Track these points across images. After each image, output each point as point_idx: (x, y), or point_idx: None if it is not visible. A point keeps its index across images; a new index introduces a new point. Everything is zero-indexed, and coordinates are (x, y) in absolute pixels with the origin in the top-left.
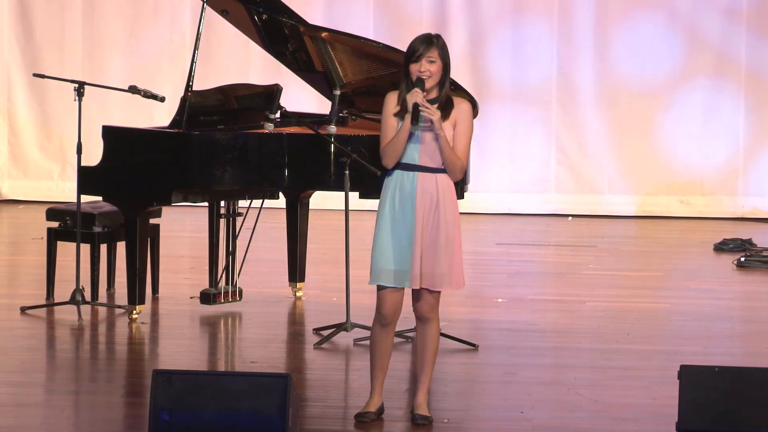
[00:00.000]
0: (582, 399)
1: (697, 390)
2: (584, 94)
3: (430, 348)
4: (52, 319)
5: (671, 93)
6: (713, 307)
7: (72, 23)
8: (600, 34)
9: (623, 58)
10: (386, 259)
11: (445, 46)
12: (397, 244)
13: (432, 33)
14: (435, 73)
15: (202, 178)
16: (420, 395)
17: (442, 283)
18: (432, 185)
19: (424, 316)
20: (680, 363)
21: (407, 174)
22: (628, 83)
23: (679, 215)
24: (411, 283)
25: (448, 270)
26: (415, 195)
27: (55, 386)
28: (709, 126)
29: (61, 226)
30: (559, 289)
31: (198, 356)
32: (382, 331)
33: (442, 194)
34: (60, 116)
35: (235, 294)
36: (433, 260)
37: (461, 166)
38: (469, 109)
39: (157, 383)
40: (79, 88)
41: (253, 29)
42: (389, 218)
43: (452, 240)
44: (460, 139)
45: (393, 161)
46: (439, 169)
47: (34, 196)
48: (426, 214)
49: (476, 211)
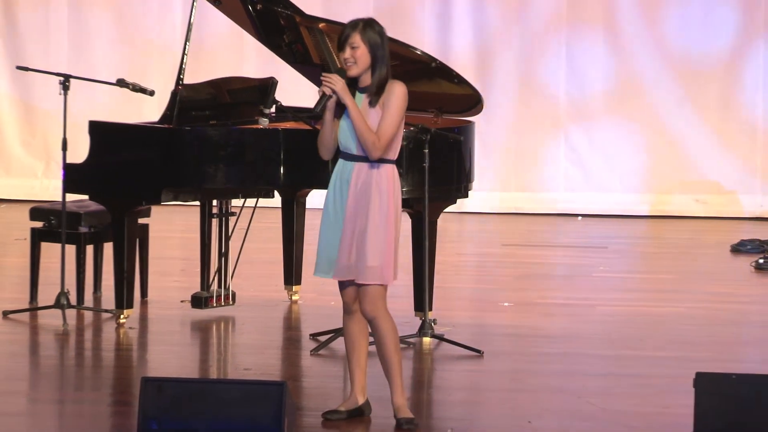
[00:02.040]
0: (592, 408)
1: (713, 398)
2: (595, 88)
3: (385, 347)
4: (35, 324)
5: (685, 86)
6: (730, 311)
7: (57, 13)
8: (611, 26)
9: (635, 50)
10: (323, 248)
11: (372, 29)
12: (329, 233)
13: (363, 18)
14: (359, 58)
15: (193, 175)
16: (396, 397)
17: (370, 276)
18: (367, 175)
19: (366, 315)
20: (695, 370)
21: (347, 164)
22: (639, 76)
23: (694, 215)
24: (334, 273)
25: (379, 264)
26: (349, 184)
27: (38, 395)
28: (725, 121)
29: (45, 226)
30: (567, 292)
31: (189, 363)
32: (347, 318)
33: (377, 185)
34: (44, 111)
35: (228, 298)
36: (359, 252)
37: (372, 142)
38: (399, 89)
39: (146, 391)
40: (64, 81)
41: (247, 20)
42: (331, 208)
43: (384, 232)
44: (383, 118)
45: (325, 153)
46: (378, 158)
47: (17, 195)
48: (357, 204)
49: (481, 211)
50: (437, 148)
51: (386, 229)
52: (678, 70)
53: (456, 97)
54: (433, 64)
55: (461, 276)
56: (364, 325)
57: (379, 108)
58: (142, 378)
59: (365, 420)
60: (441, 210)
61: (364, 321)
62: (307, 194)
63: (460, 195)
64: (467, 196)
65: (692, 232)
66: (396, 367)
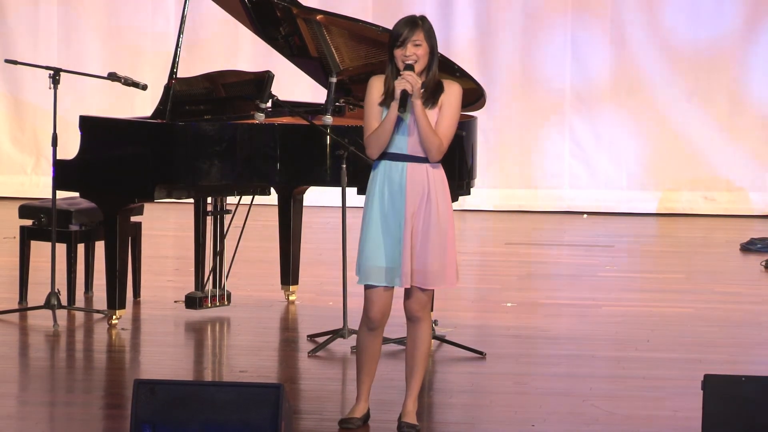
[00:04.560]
0: (598, 411)
1: (722, 401)
2: (601, 82)
3: (421, 350)
4: (25, 324)
5: (694, 81)
6: (740, 311)
7: (47, 5)
8: (617, 19)
9: (642, 44)
10: (376, 256)
11: (431, 28)
12: (387, 240)
13: (417, 15)
14: (421, 56)
15: (187, 172)
16: (409, 402)
17: (434, 281)
18: (423, 176)
19: (414, 315)
20: (704, 372)
21: (395, 164)
22: (647, 70)
23: (703, 213)
24: (402, 281)
25: (441, 267)
26: (405, 186)
27: (28, 397)
28: (735, 117)
29: (35, 225)
30: (573, 292)
31: (183, 365)
32: (369, 334)
33: (434, 185)
34: (34, 105)
35: (223, 298)
36: (425, 257)
37: (438, 145)
38: (458, 90)
39: (138, 394)
40: (54, 75)
41: (242, 11)
42: (378, 212)
43: (445, 235)
44: (444, 119)
45: (378, 151)
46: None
47: (6, 192)
48: (417, 207)
49: (484, 208)
50: None
51: (451, 232)
52: (686, 63)
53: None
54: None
55: (463, 275)
56: (381, 342)
57: (437, 109)
58: (134, 380)
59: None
60: None
61: (381, 337)
62: (304, 191)
63: (462, 192)
64: (469, 193)
65: (701, 231)
66: (420, 374)
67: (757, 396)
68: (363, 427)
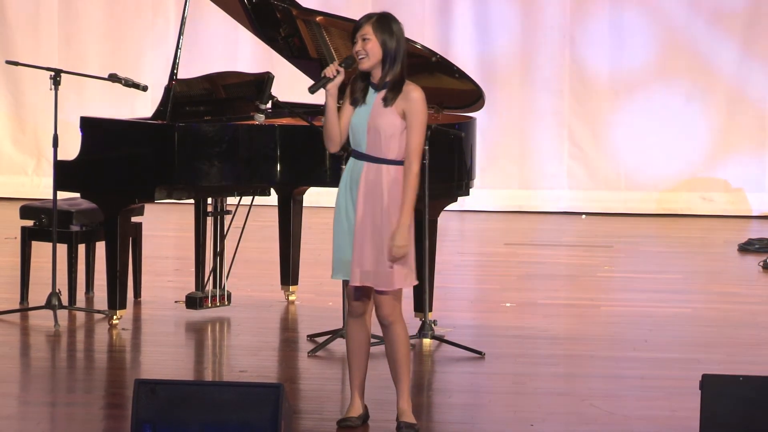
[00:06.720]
0: (596, 411)
1: (720, 401)
2: (599, 82)
3: (401, 352)
4: (26, 324)
5: (691, 80)
6: (737, 312)
7: (48, 6)
8: (615, 19)
9: (640, 44)
10: (342, 250)
11: (385, 24)
12: (348, 236)
13: (379, 12)
14: (371, 51)
15: (187, 173)
16: (402, 402)
17: (385, 281)
18: (377, 176)
19: (384, 321)
20: (702, 372)
21: (357, 163)
22: (645, 70)
23: (701, 213)
24: (351, 279)
25: (392, 269)
26: (359, 185)
27: (29, 397)
28: (733, 117)
29: (36, 225)
30: (571, 292)
31: (183, 365)
32: (354, 322)
33: (388, 187)
34: (35, 106)
35: (223, 298)
36: (375, 257)
37: (412, 178)
38: (420, 98)
39: (139, 394)
40: (55, 76)
41: (242, 12)
42: (343, 207)
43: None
44: (413, 134)
45: (331, 144)
46: (387, 159)
47: (7, 193)
48: (367, 206)
49: (483, 209)
50: (438, 145)
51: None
52: (685, 63)
53: (457, 92)
54: (434, 58)
55: (462, 276)
56: (369, 330)
57: (394, 109)
58: (135, 380)
59: (364, 425)
60: (442, 208)
61: (368, 325)
62: (304, 192)
63: (462, 193)
64: (468, 194)
65: (699, 231)
66: (406, 374)
67: (755, 396)
68: (362, 427)
